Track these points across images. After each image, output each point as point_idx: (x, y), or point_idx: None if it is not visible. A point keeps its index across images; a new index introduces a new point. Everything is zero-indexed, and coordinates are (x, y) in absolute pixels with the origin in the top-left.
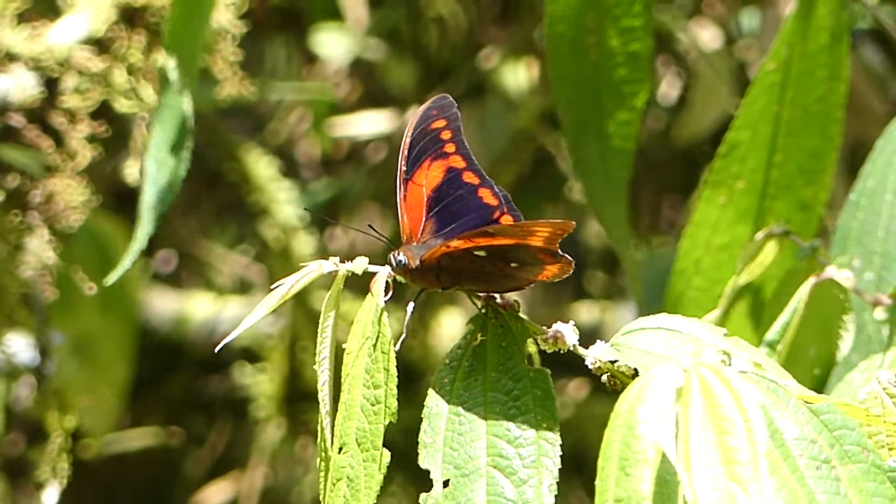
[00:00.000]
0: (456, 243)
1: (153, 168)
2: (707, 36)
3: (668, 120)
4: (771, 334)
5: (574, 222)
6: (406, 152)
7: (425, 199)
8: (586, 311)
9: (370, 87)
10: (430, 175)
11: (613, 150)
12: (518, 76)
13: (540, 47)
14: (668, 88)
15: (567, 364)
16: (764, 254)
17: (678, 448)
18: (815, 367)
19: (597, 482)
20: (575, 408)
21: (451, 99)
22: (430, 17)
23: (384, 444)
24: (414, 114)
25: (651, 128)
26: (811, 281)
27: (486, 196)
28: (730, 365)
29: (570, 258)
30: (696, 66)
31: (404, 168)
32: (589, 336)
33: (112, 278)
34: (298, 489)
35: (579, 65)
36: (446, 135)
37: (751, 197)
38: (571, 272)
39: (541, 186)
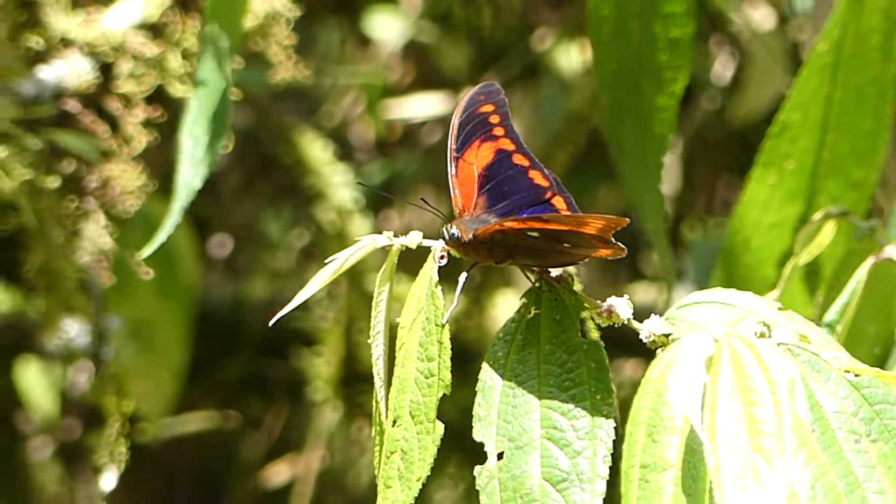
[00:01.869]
0: (510, 224)
1: (189, 143)
2: (760, 16)
3: (723, 100)
4: (830, 314)
5: (628, 219)
6: (455, 132)
7: (476, 176)
8: (642, 292)
9: (423, 70)
10: (480, 154)
11: (651, 135)
12: (571, 58)
13: None
14: (722, 69)
15: (624, 344)
16: (822, 234)
17: (704, 417)
18: (875, 345)
19: (624, 447)
20: (632, 387)
21: (498, 86)
22: None
23: (441, 421)
24: (461, 98)
25: (706, 108)
26: (870, 261)
27: (537, 178)
28: (769, 337)
29: (622, 246)
30: (750, 46)
31: (454, 147)
32: (645, 316)
33: (147, 251)
34: (355, 471)
35: (621, 48)
36: (494, 119)
37: (801, 177)
38: (625, 255)
39: (595, 168)
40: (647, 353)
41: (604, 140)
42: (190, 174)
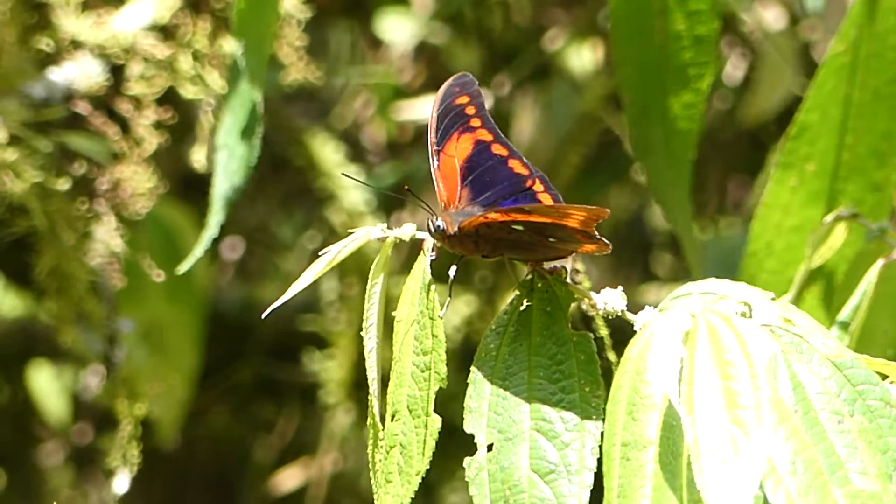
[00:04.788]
0: (493, 215)
1: (224, 155)
2: (771, 16)
3: (734, 100)
4: (843, 315)
5: (608, 210)
6: (434, 125)
7: (458, 168)
8: (653, 293)
9: (435, 71)
10: (460, 147)
11: (677, 132)
12: (583, 58)
13: (605, 29)
14: (734, 69)
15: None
16: (834, 237)
17: (682, 392)
18: (888, 346)
19: (605, 427)
20: None
21: (472, 77)
22: (494, 1)
23: (439, 412)
24: (438, 91)
25: (717, 108)
26: (880, 262)
27: (517, 166)
28: (750, 317)
29: (607, 241)
30: (761, 46)
31: (434, 140)
32: None
33: (184, 267)
34: (368, 474)
35: (644, 47)
36: (471, 110)
37: (822, 179)
38: (609, 251)
39: (606, 168)
40: None
41: (615, 141)
42: (225, 186)
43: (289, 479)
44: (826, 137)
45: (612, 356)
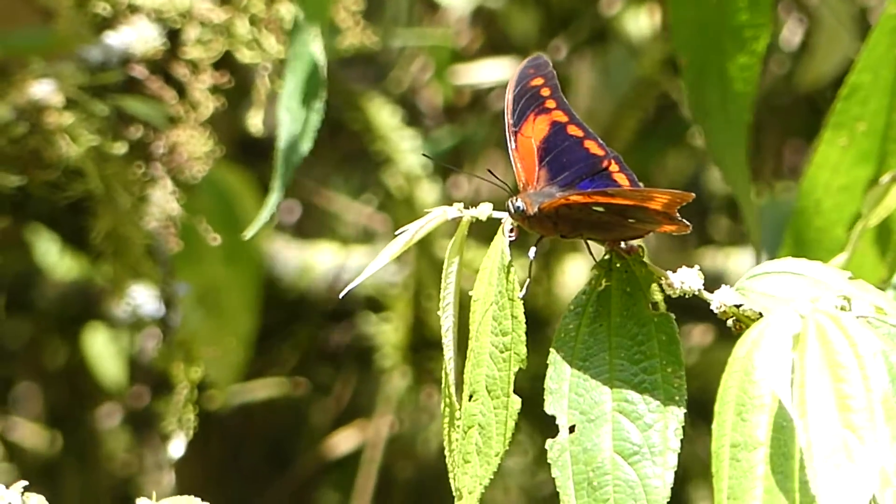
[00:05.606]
0: (575, 198)
1: (287, 118)
2: None
3: (791, 65)
4: None
5: (693, 194)
6: (511, 107)
7: (535, 149)
8: (710, 257)
9: (492, 35)
10: (537, 128)
11: (734, 94)
12: (640, 22)
13: None
14: (790, 34)
15: (692, 310)
16: (890, 196)
17: (794, 394)
18: None
19: (713, 427)
20: (700, 353)
21: (546, 58)
22: None
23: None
24: (513, 73)
25: (774, 73)
26: None
27: (592, 147)
28: (850, 310)
29: (687, 222)
30: (818, 11)
31: (511, 121)
32: (714, 281)
33: (250, 232)
34: (424, 437)
35: (700, 9)
36: (545, 91)
37: (872, 139)
38: (689, 231)
39: (664, 132)
40: (715, 319)
41: (672, 105)
42: (289, 150)
43: (344, 441)
44: (877, 98)
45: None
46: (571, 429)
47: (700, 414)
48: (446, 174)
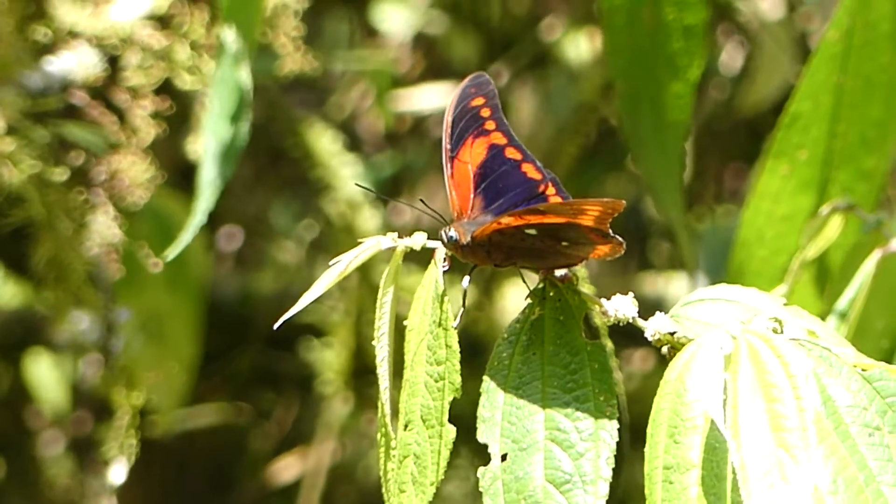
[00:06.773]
0: (507, 220)
1: (211, 141)
2: (768, 5)
3: (731, 90)
4: (840, 306)
5: (624, 201)
6: (449, 130)
7: (471, 175)
8: (650, 282)
9: (433, 61)
10: (474, 152)
11: (668, 122)
12: (580, 48)
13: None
14: (730, 59)
15: (633, 335)
16: (829, 227)
17: (727, 415)
18: (882, 339)
19: (646, 449)
20: (642, 378)
21: (488, 77)
22: None
23: (450, 419)
24: (454, 93)
25: (714, 97)
26: (876, 254)
27: (530, 171)
28: (781, 333)
29: (620, 239)
30: (758, 35)
31: (449, 146)
32: (654, 306)
33: (172, 253)
34: (365, 463)
35: (634, 36)
36: (485, 112)
37: (813, 167)
38: (623, 252)
39: (604, 158)
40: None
41: (613, 130)
42: (213, 174)
43: (287, 468)
44: (818, 126)
45: (613, 362)
46: (504, 457)
47: (640, 438)
48: (387, 200)
